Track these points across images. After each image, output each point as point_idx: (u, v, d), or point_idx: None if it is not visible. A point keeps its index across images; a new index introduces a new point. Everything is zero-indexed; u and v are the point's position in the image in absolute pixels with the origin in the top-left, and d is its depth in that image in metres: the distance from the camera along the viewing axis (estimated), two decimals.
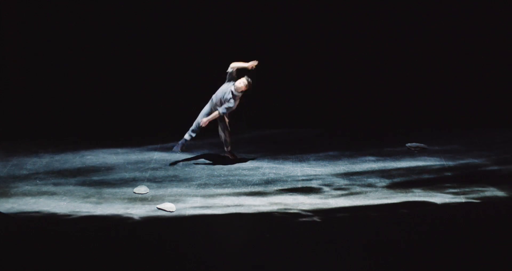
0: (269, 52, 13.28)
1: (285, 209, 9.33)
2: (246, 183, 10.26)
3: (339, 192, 9.92)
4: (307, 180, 10.41)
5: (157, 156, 11.36)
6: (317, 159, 11.18)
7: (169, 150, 11.48)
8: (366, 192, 9.92)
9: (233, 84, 10.52)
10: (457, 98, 13.11)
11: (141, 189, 9.94)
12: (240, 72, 10.63)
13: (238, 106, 10.63)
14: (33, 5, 12.96)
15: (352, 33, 13.24)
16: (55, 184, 10.17)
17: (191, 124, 10.73)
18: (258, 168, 10.87)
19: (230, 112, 10.65)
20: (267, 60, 13.27)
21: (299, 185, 10.22)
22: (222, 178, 10.45)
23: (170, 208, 9.28)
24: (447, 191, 9.92)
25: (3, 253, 8.03)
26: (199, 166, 10.95)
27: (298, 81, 13.40)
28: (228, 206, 9.43)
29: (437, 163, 11.01)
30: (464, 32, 13.14)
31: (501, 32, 13.11)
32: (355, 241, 8.38)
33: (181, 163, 11.05)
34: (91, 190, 9.96)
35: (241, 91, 10.51)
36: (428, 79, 13.26)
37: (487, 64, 13.21)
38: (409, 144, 11.74)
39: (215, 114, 10.58)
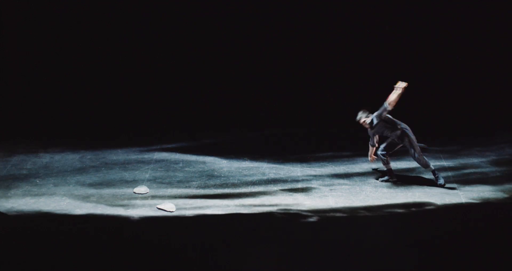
0: (270, 52, 13.30)
1: (285, 209, 9.33)
2: (246, 183, 10.26)
3: (339, 192, 9.91)
4: (307, 180, 10.40)
5: (157, 156, 11.35)
6: (317, 159, 11.17)
7: (169, 150, 11.52)
8: (366, 192, 9.91)
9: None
10: (457, 99, 13.10)
11: (141, 189, 9.93)
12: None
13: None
14: (33, 5, 12.95)
15: (353, 34, 13.23)
16: (55, 184, 10.16)
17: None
18: (258, 168, 10.87)
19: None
20: (267, 60, 13.34)
21: (299, 185, 10.21)
22: (222, 178, 10.45)
23: (170, 208, 9.28)
24: (447, 191, 9.91)
25: (3, 253, 8.03)
26: (199, 166, 10.95)
27: (299, 81, 13.39)
28: (228, 206, 9.42)
29: (437, 163, 10.99)
30: (465, 34, 13.14)
31: (501, 34, 13.11)
32: (355, 241, 8.38)
33: (181, 163, 11.05)
34: (91, 190, 9.96)
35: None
36: (428, 80, 13.25)
37: (488, 66, 13.20)
38: None
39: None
